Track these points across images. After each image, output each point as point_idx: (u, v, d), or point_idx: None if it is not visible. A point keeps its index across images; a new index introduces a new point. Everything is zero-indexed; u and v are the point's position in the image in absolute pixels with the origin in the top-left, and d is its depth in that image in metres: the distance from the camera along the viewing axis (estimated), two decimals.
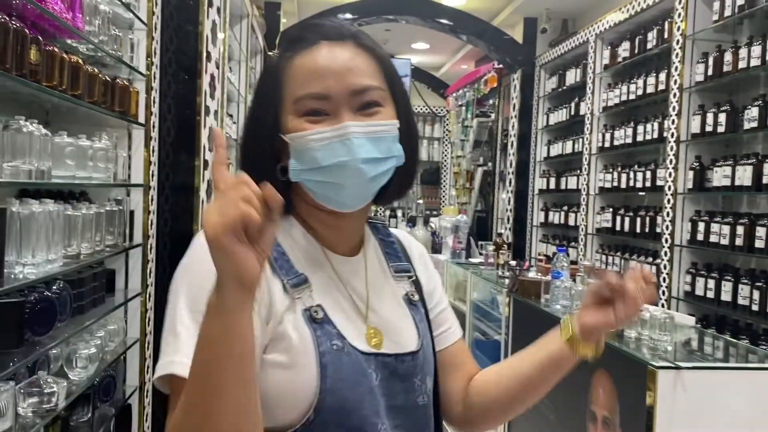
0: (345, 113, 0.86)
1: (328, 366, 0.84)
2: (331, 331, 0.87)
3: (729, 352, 2.67)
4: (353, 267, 0.97)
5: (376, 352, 0.90)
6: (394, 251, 1.04)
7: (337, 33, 0.91)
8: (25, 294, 1.87)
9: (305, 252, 0.93)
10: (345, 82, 0.87)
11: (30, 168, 1.84)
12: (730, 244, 3.75)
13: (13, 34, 1.72)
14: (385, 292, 0.99)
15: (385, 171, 0.89)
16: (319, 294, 0.90)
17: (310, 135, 0.86)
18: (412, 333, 0.97)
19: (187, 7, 3.02)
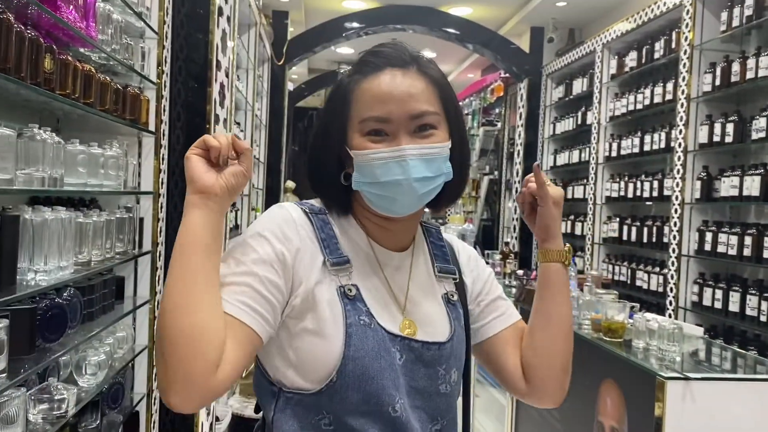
0: (403, 135, 0.99)
1: (353, 336, 0.96)
2: (361, 308, 0.99)
3: (737, 363, 2.66)
4: (399, 262, 1.09)
5: (403, 336, 1.01)
6: (442, 254, 1.16)
7: (400, 60, 1.03)
8: (36, 301, 1.88)
9: (355, 242, 1.06)
10: (404, 108, 0.99)
11: (43, 175, 1.85)
12: (737, 255, 3.74)
13: (29, 42, 1.74)
14: (426, 289, 1.10)
15: (434, 188, 1.02)
16: (359, 277, 1.02)
17: (371, 154, 0.99)
18: (444, 327, 1.07)
19: (197, 16, 3.04)
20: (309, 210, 1.04)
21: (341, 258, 1.02)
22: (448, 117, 1.04)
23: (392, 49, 1.04)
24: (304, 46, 6.87)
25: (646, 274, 4.85)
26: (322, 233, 1.02)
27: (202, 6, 3.04)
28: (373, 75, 1.02)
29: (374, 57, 1.04)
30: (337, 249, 1.02)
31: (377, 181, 0.99)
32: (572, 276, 3.17)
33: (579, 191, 6.13)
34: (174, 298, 0.88)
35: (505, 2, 6.77)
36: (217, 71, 3.15)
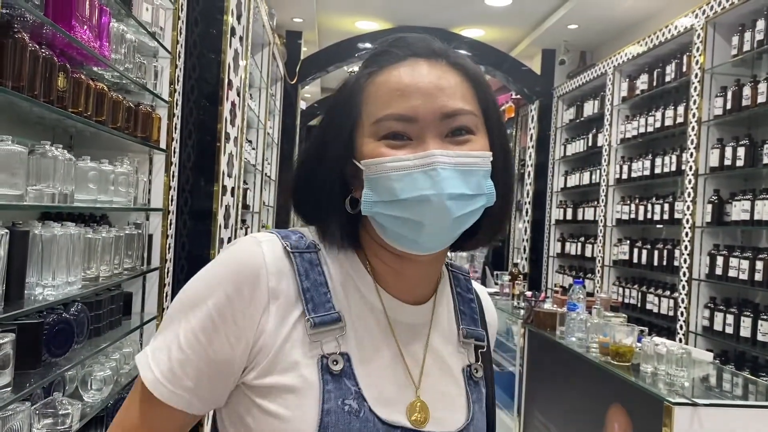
0: (431, 139, 0.73)
1: (329, 428, 0.71)
2: (349, 388, 0.73)
3: (748, 390, 2.63)
4: (413, 318, 0.82)
5: (404, 426, 0.75)
6: (470, 311, 0.88)
7: (427, 49, 0.78)
8: (43, 315, 1.89)
9: (358, 291, 0.79)
10: (434, 104, 0.74)
11: (53, 192, 1.88)
12: (749, 279, 3.70)
13: (42, 61, 1.78)
14: (447, 358, 0.83)
15: (472, 211, 0.75)
16: (354, 342, 0.76)
17: (389, 162, 0.72)
18: (459, 409, 0.81)
19: (210, 36, 3.09)
20: (292, 247, 0.77)
21: (328, 316, 0.75)
22: (488, 122, 0.78)
23: (415, 37, 0.80)
24: (317, 66, 6.95)
25: (657, 298, 4.80)
26: (305, 281, 0.75)
27: (215, 26, 3.09)
28: (392, 66, 0.76)
29: (393, 47, 0.78)
30: (326, 302, 0.76)
31: (396, 199, 0.72)
32: (581, 299, 3.15)
33: (589, 213, 6.11)
34: None
35: (517, 24, 6.82)
36: (228, 90, 3.19)
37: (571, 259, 6.55)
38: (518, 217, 7.72)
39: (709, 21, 4.17)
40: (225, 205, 3.33)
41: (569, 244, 6.56)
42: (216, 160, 3.12)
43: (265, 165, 5.52)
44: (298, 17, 6.50)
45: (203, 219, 3.11)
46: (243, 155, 3.83)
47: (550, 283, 6.82)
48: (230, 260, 0.76)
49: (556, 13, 6.19)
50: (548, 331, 3.32)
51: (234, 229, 3.63)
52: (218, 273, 0.75)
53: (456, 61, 0.78)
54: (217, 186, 3.13)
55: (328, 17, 6.91)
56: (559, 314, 3.32)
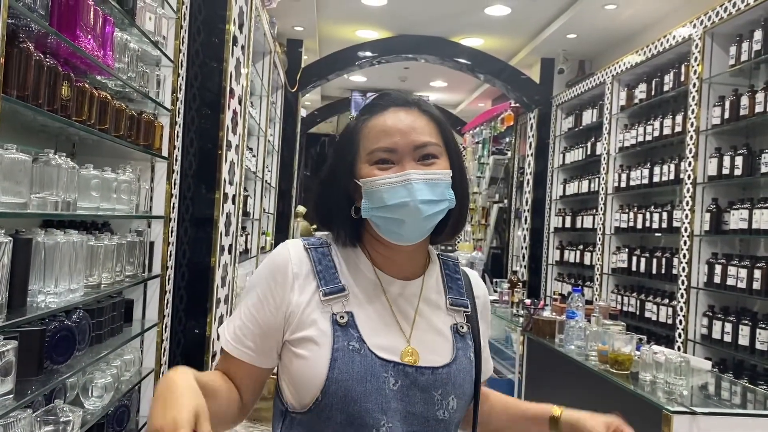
0: (408, 163, 1.07)
1: (338, 360, 1.02)
2: (352, 335, 1.05)
3: (746, 398, 2.63)
4: (406, 290, 1.13)
5: (396, 361, 1.05)
6: (457, 286, 1.20)
7: (403, 101, 1.13)
8: (46, 322, 1.90)
9: (360, 272, 1.12)
10: (409, 138, 1.07)
11: (57, 199, 1.89)
12: (747, 288, 3.71)
13: (47, 70, 1.80)
14: (434, 319, 1.14)
15: (438, 211, 1.07)
16: (357, 305, 1.09)
17: (379, 180, 1.06)
18: (444, 354, 1.11)
19: (212, 45, 3.11)
20: (310, 245, 1.13)
21: (335, 287, 1.08)
22: (449, 150, 1.12)
23: (396, 94, 1.15)
24: (318, 74, 6.98)
25: (655, 306, 4.82)
26: (319, 266, 1.10)
27: (217, 35, 3.12)
28: (379, 114, 1.11)
29: (380, 100, 1.14)
30: (334, 279, 1.09)
31: (385, 205, 1.05)
32: (580, 307, 3.16)
33: (588, 221, 6.13)
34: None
35: (516, 33, 6.85)
36: (230, 98, 3.21)
37: (570, 267, 6.56)
38: (517, 225, 7.73)
39: (707, 31, 4.20)
40: (226, 212, 3.34)
41: (568, 251, 6.58)
42: (217, 168, 3.14)
43: (266, 172, 5.53)
44: (299, 26, 6.54)
45: (204, 226, 3.13)
46: (244, 163, 3.84)
47: (548, 290, 6.83)
48: (269, 260, 1.12)
49: (555, 23, 6.23)
50: (547, 339, 3.33)
51: (234, 237, 3.65)
52: (262, 269, 1.12)
53: (425, 109, 1.13)
54: (218, 193, 3.14)
55: (329, 26, 6.95)
56: (558, 322, 3.33)
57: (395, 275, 1.13)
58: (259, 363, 1.10)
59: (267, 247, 6.00)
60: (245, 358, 1.09)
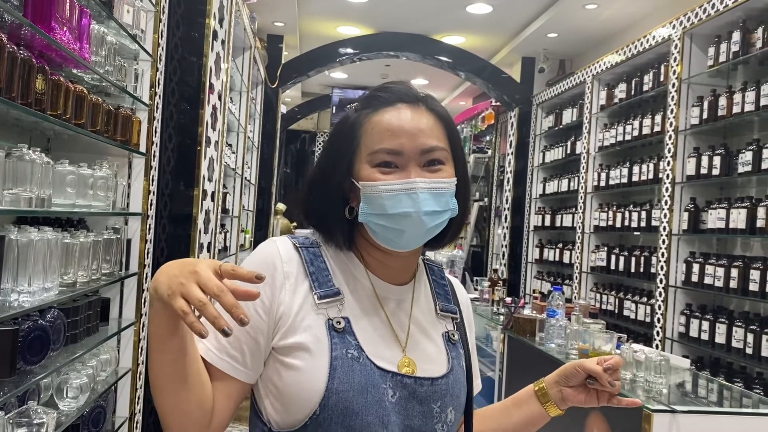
0: (413, 168, 0.98)
1: (338, 369, 0.94)
2: (350, 342, 0.97)
3: (723, 396, 2.66)
4: (399, 296, 1.07)
5: (395, 372, 0.98)
6: (444, 293, 1.14)
7: (411, 96, 1.03)
8: (18, 322, 1.85)
9: (353, 276, 1.04)
10: (416, 142, 0.99)
11: (30, 196, 1.84)
12: (724, 287, 3.76)
13: (20, 63, 1.74)
14: (427, 326, 1.08)
15: (441, 222, 1.00)
16: (352, 310, 1.01)
17: (381, 185, 0.97)
18: (441, 364, 1.05)
19: (192, 40, 3.06)
20: (300, 244, 1.03)
21: (330, 290, 1.00)
22: (455, 154, 1.04)
23: (402, 86, 1.05)
24: (298, 70, 6.93)
25: (634, 304, 4.86)
26: (311, 267, 1.01)
27: (196, 29, 3.07)
28: (384, 109, 1.01)
29: (384, 92, 1.04)
30: (328, 282, 1.01)
31: (385, 213, 0.97)
32: (560, 305, 3.17)
33: (567, 220, 6.17)
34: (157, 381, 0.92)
35: (498, 32, 6.87)
36: (210, 94, 3.16)
37: (549, 265, 6.60)
38: (497, 223, 7.76)
39: (686, 32, 4.24)
40: (205, 209, 3.29)
41: (547, 250, 6.62)
42: (196, 165, 3.09)
43: (245, 169, 5.48)
44: (280, 21, 6.48)
45: (183, 224, 3.08)
46: (223, 159, 3.80)
47: (528, 288, 6.86)
48: (256, 256, 1.02)
49: (536, 22, 6.25)
50: (528, 337, 3.34)
51: (213, 234, 3.60)
52: (248, 266, 0.97)
53: (432, 107, 1.04)
54: (197, 190, 3.09)
55: (310, 22, 6.90)
56: (539, 320, 3.34)
57: (389, 280, 1.06)
58: (243, 377, 0.98)
59: (246, 245, 5.94)
60: (229, 370, 0.97)
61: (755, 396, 2.73)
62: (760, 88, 3.59)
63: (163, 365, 0.90)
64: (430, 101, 1.05)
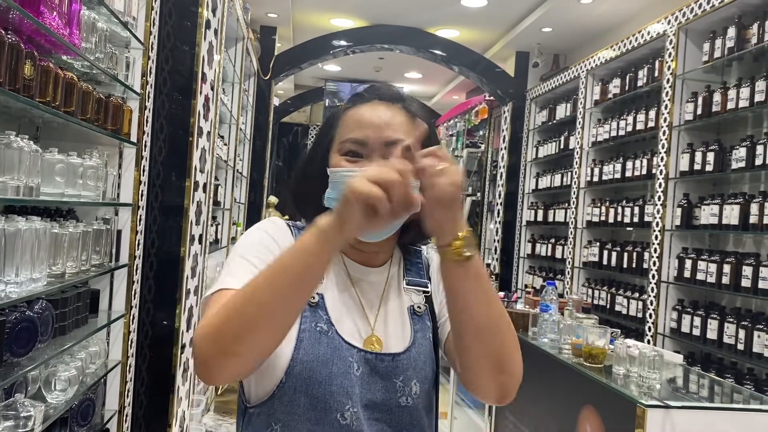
0: (375, 159, 1.03)
1: (305, 341, 1.01)
2: (321, 316, 1.04)
3: (714, 391, 2.66)
4: (372, 278, 1.12)
5: (359, 347, 1.04)
6: (416, 269, 1.18)
7: (389, 96, 1.11)
8: (5, 313, 1.82)
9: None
10: (381, 134, 1.04)
11: (18, 184, 1.80)
12: (716, 282, 3.76)
13: (8, 48, 1.70)
14: (394, 303, 1.13)
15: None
16: (327, 288, 1.07)
17: (343, 171, 1.03)
18: (403, 338, 1.09)
19: (184, 28, 3.02)
20: (291, 224, 1.14)
21: None
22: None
23: (385, 87, 1.13)
24: (291, 62, 6.88)
25: (626, 300, 4.86)
26: None
27: (189, 18, 3.02)
28: (361, 104, 1.10)
29: (368, 91, 1.13)
30: None
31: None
32: (554, 300, 3.16)
33: (560, 215, 6.17)
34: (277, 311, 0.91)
35: (492, 26, 6.84)
36: (202, 84, 3.12)
37: (542, 260, 6.60)
38: (490, 218, 7.75)
39: (681, 27, 4.23)
40: (197, 201, 3.26)
41: (540, 245, 6.62)
42: (188, 155, 3.06)
43: (237, 161, 5.44)
44: (273, 13, 6.43)
45: (174, 215, 3.04)
46: (215, 151, 3.76)
47: (520, 283, 6.86)
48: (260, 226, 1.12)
49: (531, 16, 6.23)
50: (520, 331, 3.33)
51: (205, 226, 3.56)
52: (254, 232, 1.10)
53: (409, 108, 1.10)
54: (188, 181, 3.06)
55: (303, 14, 6.85)
56: (532, 315, 3.33)
57: (363, 263, 1.12)
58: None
59: (238, 237, 5.91)
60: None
61: (746, 391, 2.74)
62: (754, 85, 3.59)
63: (300, 297, 0.91)
64: (409, 102, 1.11)
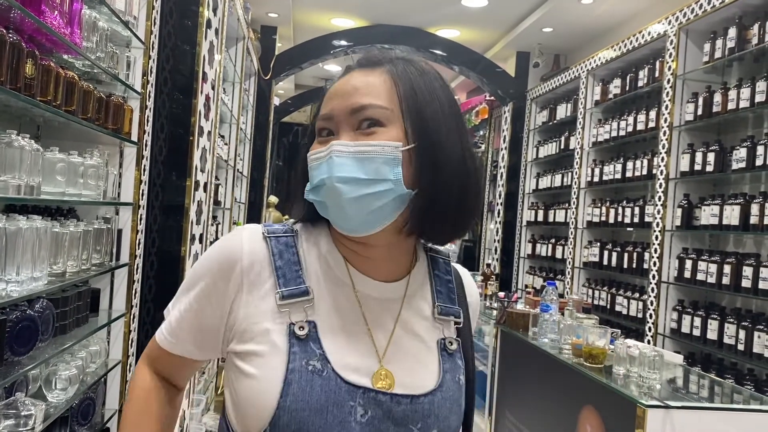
0: (343, 133, 0.85)
1: (293, 384, 0.81)
2: (313, 351, 0.83)
3: (715, 392, 2.66)
4: (383, 294, 0.90)
5: (367, 387, 0.83)
6: (447, 290, 0.97)
7: (370, 60, 0.90)
8: (6, 312, 1.82)
9: (328, 268, 0.90)
10: (346, 102, 0.85)
11: (19, 183, 1.80)
12: (716, 283, 3.76)
13: (9, 47, 1.70)
14: (418, 331, 0.91)
15: (373, 193, 0.81)
16: (322, 313, 0.86)
17: (311, 155, 0.87)
18: (428, 379, 0.88)
19: (185, 28, 3.02)
20: (270, 233, 0.90)
21: (297, 289, 0.86)
22: (410, 115, 0.85)
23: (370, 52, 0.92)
24: (292, 62, 6.88)
25: (626, 300, 4.86)
26: (279, 260, 0.88)
27: (190, 18, 3.02)
28: (341, 78, 0.91)
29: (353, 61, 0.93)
30: (297, 277, 0.87)
31: (312, 186, 0.86)
32: (554, 300, 3.16)
33: (560, 215, 6.17)
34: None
35: (492, 26, 6.84)
36: (203, 83, 3.12)
37: (542, 261, 6.60)
38: (490, 218, 7.75)
39: (681, 28, 4.23)
40: (197, 200, 3.26)
41: (540, 245, 6.61)
42: (189, 155, 3.06)
43: (238, 161, 5.44)
44: (274, 12, 6.43)
45: (175, 214, 3.04)
46: (216, 150, 3.76)
47: (520, 283, 6.87)
48: (218, 245, 0.91)
49: (531, 16, 6.23)
50: (521, 331, 3.33)
51: (206, 226, 3.56)
52: (209, 253, 0.92)
53: (392, 68, 0.88)
54: (189, 181, 3.06)
55: (304, 13, 6.85)
56: (532, 315, 3.33)
57: (372, 275, 0.90)
58: (202, 356, 0.94)
59: None
60: (186, 353, 0.94)
61: (746, 392, 2.74)
62: (755, 85, 3.59)
63: None
64: (396, 63, 0.89)
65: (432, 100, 0.87)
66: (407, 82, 0.87)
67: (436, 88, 0.89)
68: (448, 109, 0.88)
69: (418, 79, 0.88)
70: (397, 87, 0.86)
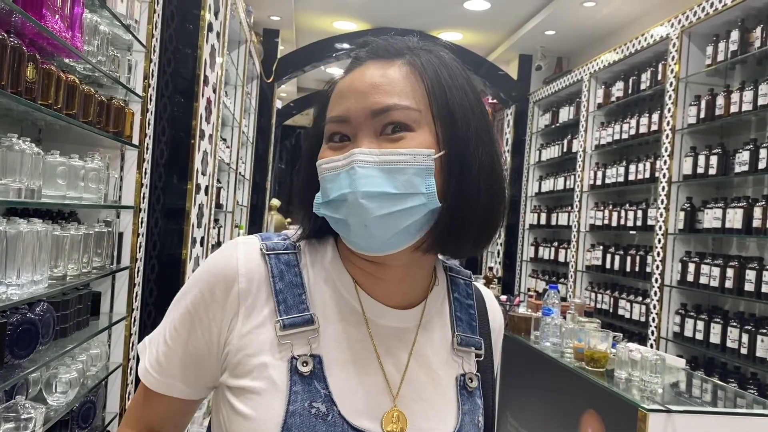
0: (363, 138, 0.72)
1: (293, 430, 0.70)
2: (318, 391, 0.72)
3: (717, 396, 2.65)
4: (397, 323, 0.79)
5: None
6: (468, 317, 0.86)
7: (386, 50, 0.77)
8: (6, 315, 1.82)
9: (336, 291, 0.78)
10: (365, 102, 0.72)
11: (20, 186, 1.81)
12: (719, 286, 3.75)
13: (11, 51, 1.71)
14: (435, 366, 0.80)
15: (403, 210, 0.70)
16: (328, 344, 0.75)
17: (324, 164, 0.73)
18: (445, 421, 0.78)
19: (186, 31, 3.03)
20: (268, 249, 0.78)
21: (300, 317, 0.74)
22: (441, 118, 0.73)
23: (385, 41, 0.79)
24: (294, 65, 6.89)
25: (629, 303, 4.85)
26: (279, 283, 0.76)
27: (191, 21, 3.03)
28: (352, 71, 0.78)
29: (363, 50, 0.80)
30: (300, 304, 0.75)
31: (329, 199, 0.72)
32: (556, 304, 3.15)
33: (563, 218, 6.15)
34: None
35: (495, 29, 6.84)
36: (204, 86, 3.13)
37: (544, 264, 6.59)
38: None
39: (684, 31, 4.23)
40: (198, 203, 3.26)
41: (542, 248, 6.60)
42: (190, 158, 3.06)
43: (240, 164, 5.44)
44: (276, 15, 6.44)
45: (176, 217, 3.05)
46: (217, 153, 3.76)
47: (523, 286, 6.85)
48: (209, 263, 0.79)
49: (534, 19, 6.23)
50: (523, 335, 3.32)
51: (207, 229, 3.57)
52: (198, 274, 0.79)
53: (413, 59, 0.76)
54: (190, 184, 3.06)
55: (306, 16, 6.86)
56: (534, 319, 3.32)
57: (388, 301, 0.78)
58: (192, 395, 0.80)
59: None
60: (173, 392, 0.79)
61: (750, 396, 2.72)
62: (757, 88, 3.58)
63: None
64: (417, 54, 0.77)
65: (462, 98, 0.75)
66: (433, 76, 0.75)
67: (463, 83, 0.77)
68: (477, 107, 0.77)
69: (444, 72, 0.76)
70: (424, 83, 0.74)
